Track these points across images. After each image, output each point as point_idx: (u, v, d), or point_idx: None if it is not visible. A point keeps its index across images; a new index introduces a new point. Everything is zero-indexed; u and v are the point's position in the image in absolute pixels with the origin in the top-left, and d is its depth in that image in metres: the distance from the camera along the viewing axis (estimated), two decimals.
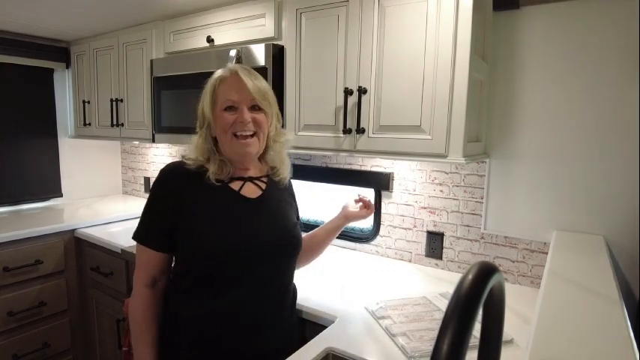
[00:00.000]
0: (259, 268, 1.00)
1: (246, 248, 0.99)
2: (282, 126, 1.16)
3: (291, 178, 1.19)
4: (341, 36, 1.37)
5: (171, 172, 1.04)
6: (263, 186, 1.08)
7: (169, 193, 1.01)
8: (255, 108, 1.01)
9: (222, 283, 0.98)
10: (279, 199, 1.11)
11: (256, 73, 1.04)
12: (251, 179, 1.07)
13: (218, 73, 1.03)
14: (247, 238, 0.99)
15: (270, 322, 1.03)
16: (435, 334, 0.74)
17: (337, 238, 1.81)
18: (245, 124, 0.98)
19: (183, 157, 1.05)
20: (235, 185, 1.04)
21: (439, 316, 1.14)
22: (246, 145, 1.00)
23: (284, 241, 1.05)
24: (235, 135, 0.99)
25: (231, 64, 1.06)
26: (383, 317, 1.13)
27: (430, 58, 1.20)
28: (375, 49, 1.30)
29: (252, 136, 1.00)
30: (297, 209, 1.22)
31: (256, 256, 1.00)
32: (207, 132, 1.03)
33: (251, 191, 1.06)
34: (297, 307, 1.17)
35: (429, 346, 0.98)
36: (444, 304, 1.21)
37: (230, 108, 0.99)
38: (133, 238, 1.03)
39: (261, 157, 1.11)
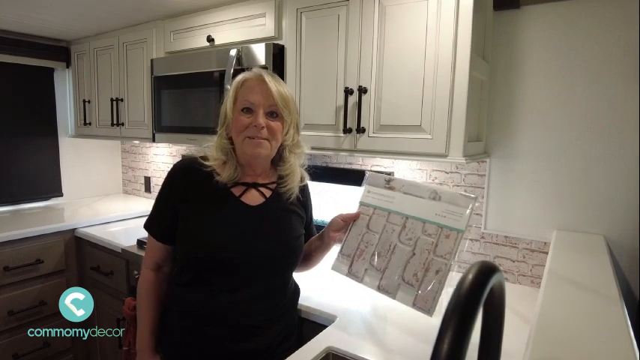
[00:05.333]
0: (253, 274, 1.00)
1: (237, 255, 0.98)
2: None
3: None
4: (341, 35, 1.37)
5: (179, 171, 1.05)
6: (268, 193, 1.07)
7: (173, 192, 1.04)
8: (272, 114, 0.99)
9: (217, 285, 0.99)
10: (284, 208, 1.08)
11: (282, 81, 1.03)
12: (256, 185, 1.06)
13: (243, 74, 1.02)
14: (239, 245, 0.99)
15: (267, 323, 1.03)
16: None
17: None
18: (259, 128, 0.96)
19: (198, 156, 1.03)
20: (237, 190, 1.04)
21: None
22: (257, 145, 0.98)
23: (279, 252, 1.04)
24: (248, 138, 0.98)
25: (257, 68, 1.04)
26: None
27: (430, 57, 1.19)
28: (376, 49, 1.30)
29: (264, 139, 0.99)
30: (309, 220, 1.19)
31: (248, 263, 0.99)
32: (225, 132, 1.03)
33: (253, 198, 1.05)
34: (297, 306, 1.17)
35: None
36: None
37: (247, 110, 0.98)
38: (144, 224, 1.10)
39: (273, 165, 1.10)
